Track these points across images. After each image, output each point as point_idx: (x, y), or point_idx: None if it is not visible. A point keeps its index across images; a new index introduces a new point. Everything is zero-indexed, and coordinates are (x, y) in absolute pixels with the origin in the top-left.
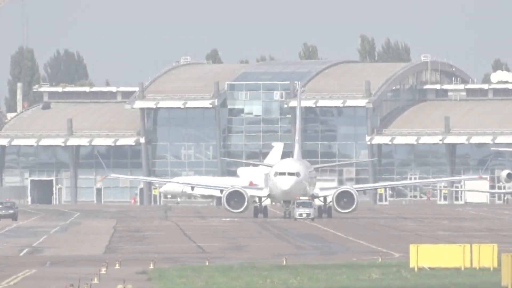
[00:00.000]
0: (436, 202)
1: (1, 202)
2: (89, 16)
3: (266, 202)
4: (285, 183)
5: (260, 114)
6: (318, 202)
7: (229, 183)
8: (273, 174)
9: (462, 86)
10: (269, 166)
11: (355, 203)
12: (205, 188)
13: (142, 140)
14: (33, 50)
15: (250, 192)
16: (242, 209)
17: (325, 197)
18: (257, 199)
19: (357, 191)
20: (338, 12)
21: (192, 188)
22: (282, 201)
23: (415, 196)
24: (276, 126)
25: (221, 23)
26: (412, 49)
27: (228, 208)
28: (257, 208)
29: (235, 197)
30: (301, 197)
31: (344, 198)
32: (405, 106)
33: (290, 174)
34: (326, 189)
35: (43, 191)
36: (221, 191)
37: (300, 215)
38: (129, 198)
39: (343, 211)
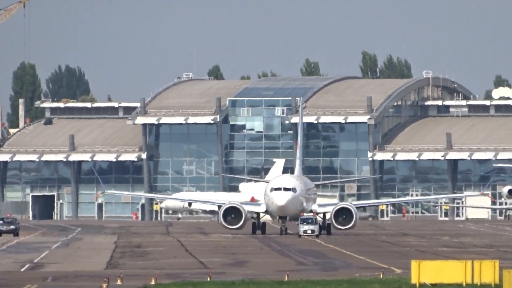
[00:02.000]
0: (437, 218)
1: (3, 217)
2: (90, 32)
3: (265, 218)
4: (280, 199)
5: (261, 130)
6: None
7: (230, 198)
8: (269, 189)
9: (464, 102)
10: (267, 182)
11: (354, 220)
12: (204, 203)
13: (144, 155)
14: (35, 65)
15: (247, 208)
16: (239, 225)
17: (324, 214)
18: (255, 215)
19: (357, 207)
20: (340, 29)
21: (190, 204)
22: (278, 217)
23: (416, 212)
24: (277, 142)
25: (223, 39)
26: (414, 65)
27: (225, 224)
28: (255, 224)
29: (232, 213)
30: (305, 214)
31: (343, 215)
32: (406, 122)
33: (286, 189)
34: (325, 205)
35: (45, 206)
36: (219, 206)
37: (305, 231)
38: (131, 213)
39: (341, 227)
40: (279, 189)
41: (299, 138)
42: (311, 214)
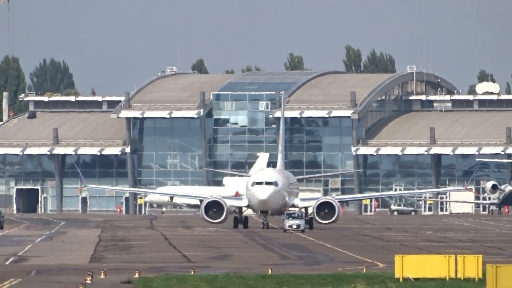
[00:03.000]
0: (420, 213)
1: None
2: (75, 26)
3: (248, 212)
4: (262, 193)
5: (245, 124)
6: None
7: (214, 192)
8: (250, 183)
9: (447, 97)
10: (249, 176)
11: (336, 214)
12: (185, 197)
13: (128, 149)
14: (19, 59)
15: (229, 202)
16: (221, 219)
17: (306, 208)
18: (237, 210)
19: (339, 202)
20: (324, 23)
21: (171, 198)
22: (259, 211)
23: (399, 205)
24: (261, 137)
25: (207, 33)
26: (397, 60)
27: (207, 218)
28: (237, 219)
29: (214, 207)
30: (290, 208)
31: (325, 209)
32: (390, 117)
33: (268, 183)
34: (307, 199)
35: (29, 200)
36: (201, 201)
37: (290, 226)
38: (115, 207)
39: (323, 221)
40: (260, 183)
41: (281, 132)
42: (297, 209)
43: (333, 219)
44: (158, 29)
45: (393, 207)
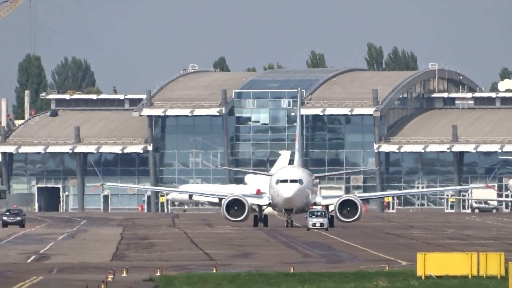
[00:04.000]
0: (443, 210)
1: (9, 209)
2: (96, 24)
3: (267, 210)
4: (287, 191)
5: (267, 122)
6: None
7: (235, 190)
8: (274, 181)
9: (469, 95)
10: (270, 176)
11: (359, 212)
12: (205, 196)
13: (150, 147)
14: (40, 57)
15: (250, 200)
16: (242, 217)
17: (327, 206)
18: (257, 208)
19: (361, 200)
20: (345, 21)
21: (190, 197)
22: (283, 210)
23: (422, 205)
24: (283, 134)
25: (229, 31)
26: (419, 58)
27: (228, 216)
28: (256, 217)
29: (235, 205)
30: (314, 207)
31: (347, 207)
32: (412, 115)
33: (293, 181)
34: (328, 197)
35: (50, 198)
36: (220, 199)
37: (314, 224)
38: (136, 205)
39: (346, 220)
40: (285, 181)
41: (297, 129)
42: (320, 207)
43: (355, 217)
44: (180, 27)
45: (474, 204)
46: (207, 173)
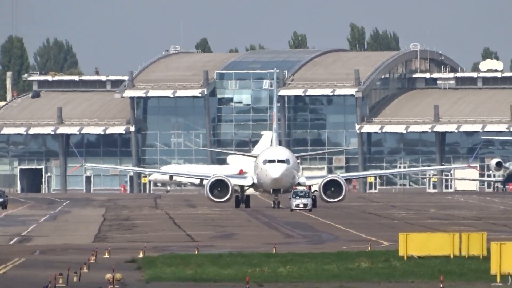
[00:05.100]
0: (425, 190)
1: None
2: (78, 5)
3: (249, 191)
4: (275, 171)
5: (249, 103)
6: None
7: (218, 171)
8: (261, 161)
9: (451, 75)
10: (253, 156)
11: (343, 192)
12: (186, 177)
13: (132, 128)
14: (22, 39)
15: (234, 181)
16: (226, 198)
17: (310, 186)
18: (239, 189)
19: (345, 180)
20: (327, 1)
21: (171, 177)
22: (271, 190)
23: (404, 185)
24: (265, 115)
25: (211, 12)
26: (401, 38)
27: (211, 197)
28: (238, 198)
29: (219, 186)
30: (297, 187)
31: (332, 187)
32: (394, 95)
33: (280, 161)
34: (312, 178)
35: (33, 179)
36: (201, 180)
37: (297, 205)
38: (119, 186)
39: (331, 200)
40: (273, 161)
41: (274, 110)
42: (304, 187)
43: (340, 197)
44: (162, 8)
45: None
46: (190, 154)
